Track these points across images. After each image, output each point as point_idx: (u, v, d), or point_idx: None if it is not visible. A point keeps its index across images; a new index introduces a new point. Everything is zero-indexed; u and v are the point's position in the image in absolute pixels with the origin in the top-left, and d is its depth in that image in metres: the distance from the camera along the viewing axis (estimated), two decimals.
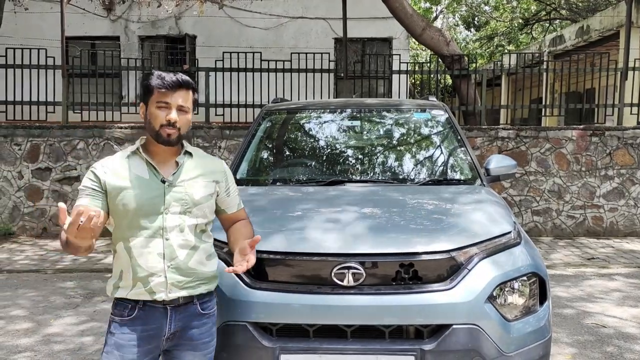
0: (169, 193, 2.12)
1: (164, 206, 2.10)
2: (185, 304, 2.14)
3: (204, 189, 2.20)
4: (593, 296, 5.43)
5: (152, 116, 2.10)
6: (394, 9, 9.06)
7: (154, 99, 2.10)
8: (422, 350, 2.43)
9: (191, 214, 2.16)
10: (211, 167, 2.28)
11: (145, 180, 2.12)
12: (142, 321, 2.09)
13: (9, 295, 5.46)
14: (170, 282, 2.09)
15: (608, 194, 8.34)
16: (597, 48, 12.93)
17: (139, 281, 2.08)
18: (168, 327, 2.12)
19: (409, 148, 4.21)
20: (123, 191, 2.08)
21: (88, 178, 2.11)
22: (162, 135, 2.09)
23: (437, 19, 25.53)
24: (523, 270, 2.66)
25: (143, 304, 2.09)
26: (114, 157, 2.18)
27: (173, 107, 2.09)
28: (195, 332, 2.18)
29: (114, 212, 2.10)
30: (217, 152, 8.25)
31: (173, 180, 2.14)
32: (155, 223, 2.09)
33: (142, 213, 2.08)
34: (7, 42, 9.19)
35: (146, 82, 2.13)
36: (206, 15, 11.56)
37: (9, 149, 8.19)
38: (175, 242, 2.11)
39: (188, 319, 2.16)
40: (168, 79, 2.09)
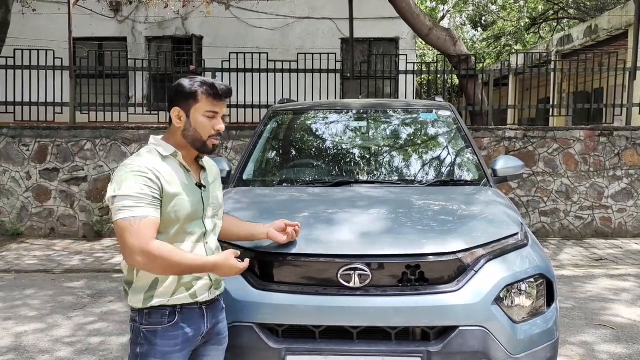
0: (205, 197, 2.13)
1: (204, 211, 2.12)
2: (214, 302, 2.20)
3: (221, 191, 2.28)
4: (602, 297, 5.39)
5: (200, 125, 2.05)
6: (400, 9, 9.04)
7: (202, 107, 2.04)
8: (429, 352, 2.42)
9: (218, 217, 2.23)
10: (216, 169, 2.33)
11: (188, 186, 2.07)
12: (183, 325, 2.05)
13: (18, 295, 5.49)
14: (214, 282, 2.15)
15: (617, 194, 8.28)
16: (605, 48, 12.85)
17: (182, 286, 2.04)
18: (205, 325, 2.14)
19: (416, 149, 4.20)
20: (176, 198, 2.01)
21: (143, 184, 1.94)
22: (209, 145, 2.09)
23: (444, 19, 25.48)
24: (530, 272, 2.65)
25: (181, 307, 2.05)
26: (153, 159, 2.04)
27: (220, 116, 2.09)
28: (221, 327, 2.25)
29: (164, 219, 2.00)
30: (224, 153, 8.26)
31: (205, 184, 2.16)
32: (198, 228, 2.09)
33: (189, 219, 2.05)
34: (15, 44, 9.25)
35: (189, 88, 2.03)
36: (213, 16, 11.59)
37: (17, 150, 8.23)
38: (212, 244, 2.16)
39: (218, 315, 2.22)
40: (223, 87, 2.06)
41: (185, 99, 2.04)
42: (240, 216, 2.95)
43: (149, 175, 1.96)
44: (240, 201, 3.32)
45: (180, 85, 2.06)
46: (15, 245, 7.68)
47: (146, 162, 2.01)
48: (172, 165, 2.06)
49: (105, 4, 11.73)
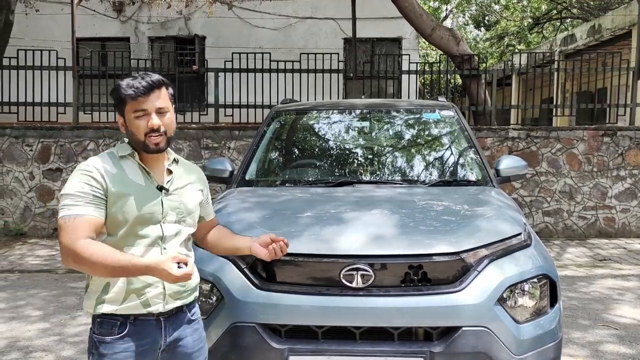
0: (166, 201, 2.01)
1: (162, 215, 2.00)
2: (176, 313, 2.04)
3: (194, 197, 2.13)
4: (605, 297, 5.37)
5: (134, 127, 1.96)
6: (403, 8, 9.03)
7: (130, 109, 1.95)
8: (431, 352, 2.42)
9: (185, 223, 2.08)
10: (195, 175, 2.20)
11: (143, 187, 1.99)
12: (136, 337, 1.94)
13: (22, 295, 5.50)
14: (168, 292, 1.99)
15: (620, 194, 8.26)
16: (608, 47, 12.81)
17: (132, 293, 1.94)
18: (163, 339, 2.00)
19: (419, 149, 4.19)
20: (123, 198, 1.93)
21: (85, 183, 1.91)
22: (150, 145, 1.96)
23: (447, 19, 25.45)
24: (534, 272, 2.64)
25: (134, 318, 1.94)
26: (104, 159, 2.00)
27: (152, 112, 1.95)
28: (189, 340, 2.08)
29: (111, 220, 1.94)
30: (226, 153, 8.26)
31: (169, 188, 2.04)
32: (153, 232, 1.98)
33: (141, 222, 1.95)
34: (18, 44, 9.27)
35: (116, 93, 1.97)
36: (215, 16, 11.59)
37: (20, 150, 8.25)
38: (172, 252, 1.99)
39: (181, 328, 2.06)
40: (138, 84, 1.94)
41: (119, 105, 1.99)
42: (243, 216, 2.95)
43: (93, 174, 1.92)
44: (242, 201, 3.32)
45: (112, 93, 2.02)
46: (18, 245, 7.70)
47: (96, 162, 1.97)
48: (129, 166, 2.00)
49: (108, 4, 11.74)
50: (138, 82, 1.95)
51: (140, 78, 1.97)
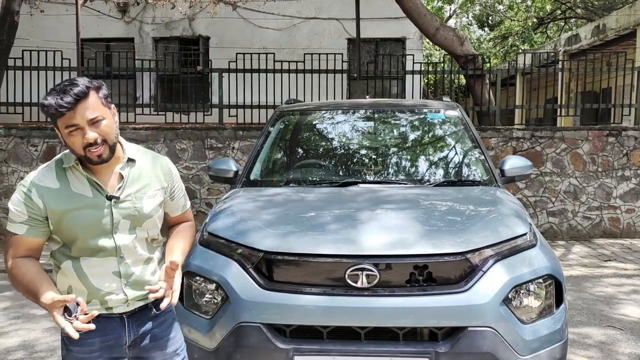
0: (117, 210, 1.93)
1: (112, 225, 1.93)
2: (140, 311, 2.03)
3: (153, 199, 2.02)
4: (611, 298, 5.36)
5: (69, 143, 1.85)
6: (407, 8, 9.03)
7: (61, 125, 1.83)
8: (437, 352, 2.42)
9: (142, 228, 2.00)
10: (157, 171, 2.07)
11: (90, 200, 1.91)
12: (99, 333, 1.93)
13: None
14: (130, 298, 1.98)
15: (625, 194, 8.23)
16: (613, 47, 12.78)
17: (94, 298, 1.95)
18: (127, 335, 2.00)
19: (423, 149, 4.19)
20: (67, 214, 1.88)
21: (23, 202, 1.87)
22: (92, 158, 1.86)
23: (451, 19, 25.41)
24: (539, 272, 2.64)
25: (98, 316, 1.89)
26: (45, 173, 1.92)
27: (84, 125, 1.82)
28: (157, 332, 2.07)
29: (60, 232, 1.92)
30: (230, 153, 8.27)
31: (120, 195, 1.94)
32: (106, 243, 1.92)
33: (91, 235, 1.90)
34: (23, 45, 9.30)
35: (44, 110, 1.84)
36: (219, 16, 11.61)
37: (25, 150, 8.28)
38: (129, 260, 1.97)
39: (146, 323, 2.05)
40: (60, 101, 1.79)
41: (51, 119, 1.87)
42: (247, 216, 2.96)
43: (31, 194, 1.87)
44: (247, 201, 3.32)
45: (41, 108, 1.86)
46: None
47: (37, 178, 1.91)
48: (74, 177, 1.92)
49: (113, 5, 11.77)
50: (61, 97, 1.80)
51: (62, 92, 1.81)
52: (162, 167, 2.10)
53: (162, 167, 2.10)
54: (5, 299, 5.39)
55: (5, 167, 8.26)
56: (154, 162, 2.09)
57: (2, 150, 8.26)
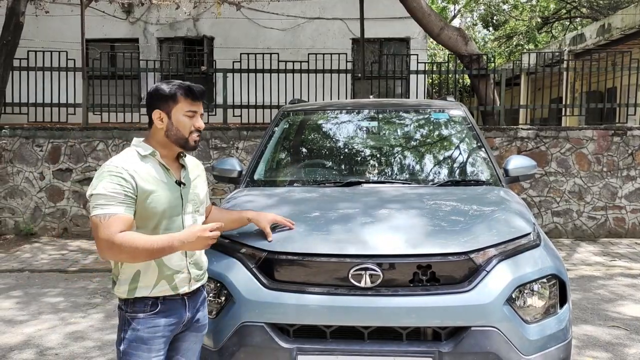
0: (185, 194, 2.24)
1: (182, 207, 2.22)
2: (196, 293, 2.30)
3: (203, 188, 2.38)
4: (616, 298, 5.34)
5: (181, 124, 2.19)
6: (411, 8, 9.02)
7: (181, 108, 2.18)
8: (440, 352, 2.41)
9: (199, 212, 2.32)
10: (200, 167, 2.44)
11: (166, 184, 2.19)
12: (165, 314, 2.17)
13: (33, 294, 5.55)
14: (193, 277, 2.23)
15: (630, 194, 8.20)
16: (618, 46, 12.72)
17: (163, 279, 2.16)
18: (187, 314, 2.24)
19: (427, 149, 4.18)
20: (151, 195, 2.12)
21: (117, 184, 2.06)
22: (191, 142, 2.22)
23: (455, 18, 25.37)
24: (543, 272, 2.63)
25: (164, 298, 2.17)
26: (130, 159, 2.16)
27: (199, 115, 2.24)
28: (201, 315, 2.34)
29: (140, 215, 2.12)
30: (235, 153, 8.28)
31: (185, 181, 2.26)
32: (176, 223, 2.19)
33: (167, 215, 2.16)
34: (28, 45, 9.34)
35: (169, 91, 2.17)
36: (224, 16, 11.62)
37: (30, 150, 8.31)
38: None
39: (199, 305, 2.33)
40: (196, 90, 2.20)
41: (165, 102, 2.18)
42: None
43: (123, 175, 2.08)
44: (251, 201, 3.33)
45: (159, 89, 2.19)
46: (28, 245, 7.76)
47: (123, 162, 2.13)
48: (151, 164, 2.18)
49: (117, 5, 11.80)
50: (196, 87, 2.21)
51: (192, 84, 2.22)
52: (198, 165, 2.44)
53: (199, 165, 2.45)
54: (11, 297, 5.42)
55: (10, 167, 8.30)
56: (195, 160, 2.45)
57: (7, 150, 8.30)
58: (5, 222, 8.34)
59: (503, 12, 25.31)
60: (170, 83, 2.21)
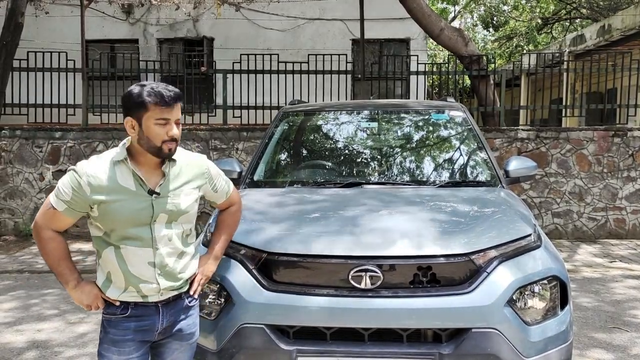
0: (157, 204, 2.12)
1: (153, 217, 2.12)
2: (174, 300, 2.23)
3: (189, 197, 2.22)
4: (617, 299, 5.33)
5: (151, 133, 2.05)
6: (411, 9, 9.01)
7: (151, 116, 2.04)
8: (441, 354, 2.40)
9: (177, 222, 2.19)
10: (195, 171, 2.27)
11: (132, 193, 2.09)
12: (136, 318, 2.15)
13: (34, 294, 5.54)
14: (162, 287, 2.16)
15: (630, 195, 8.20)
16: (618, 47, 12.71)
17: (131, 286, 2.13)
18: (160, 322, 2.18)
19: (427, 149, 4.18)
20: (111, 204, 2.06)
21: (71, 185, 2.07)
22: (165, 150, 2.08)
23: (455, 20, 25.36)
24: (543, 274, 2.62)
25: (135, 304, 2.15)
26: (98, 163, 2.11)
27: (173, 122, 2.07)
28: (184, 324, 2.27)
29: (102, 220, 2.10)
30: (234, 154, 8.28)
31: (161, 191, 2.13)
32: (144, 234, 2.11)
33: (131, 224, 2.09)
34: (28, 46, 9.33)
35: (137, 98, 2.03)
36: (224, 17, 11.62)
37: (30, 151, 8.31)
38: (164, 251, 2.15)
39: (178, 313, 2.24)
40: (166, 94, 2.03)
41: (135, 109, 2.05)
42: (250, 217, 2.95)
43: (81, 181, 2.06)
44: (250, 202, 3.32)
45: (129, 94, 2.06)
46: (28, 246, 7.74)
47: (89, 167, 2.10)
48: (121, 171, 2.10)
49: (117, 6, 11.80)
50: (166, 92, 2.04)
51: (164, 88, 2.05)
52: (199, 167, 2.29)
53: (200, 167, 2.30)
54: (13, 298, 5.40)
55: (10, 168, 8.30)
56: (192, 162, 2.28)
57: (7, 151, 8.30)
58: (5, 223, 8.33)
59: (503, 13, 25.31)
60: (142, 87, 2.05)
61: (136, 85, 2.09)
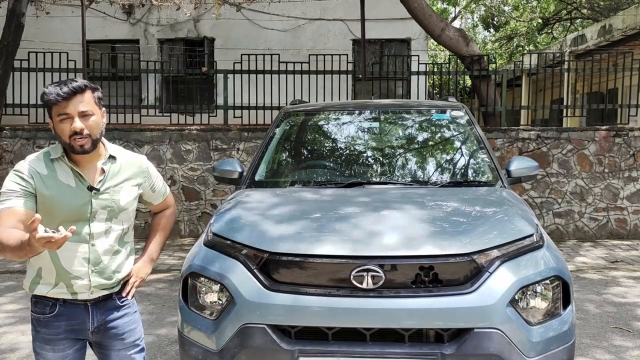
0: (96, 200, 2.14)
1: (91, 213, 2.13)
2: (104, 300, 2.22)
3: (129, 193, 2.24)
4: (619, 299, 5.32)
5: (58, 130, 2.08)
6: (412, 9, 9.01)
7: (55, 113, 2.07)
8: (443, 354, 2.40)
9: (117, 220, 2.21)
10: (134, 169, 2.30)
11: (72, 189, 2.12)
12: (65, 317, 2.16)
13: None
14: (93, 285, 2.16)
15: (632, 195, 8.18)
16: (619, 47, 12.70)
17: (61, 281, 2.13)
18: (91, 322, 2.20)
19: (429, 149, 4.17)
20: (50, 199, 2.08)
21: (15, 182, 2.07)
22: (75, 146, 2.08)
23: (456, 20, 25.36)
24: (546, 274, 2.62)
25: (64, 301, 2.15)
26: (36, 161, 2.13)
27: (74, 115, 2.06)
28: (119, 323, 2.26)
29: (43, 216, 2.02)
30: (235, 154, 8.27)
31: (100, 187, 2.15)
32: (82, 229, 2.11)
33: (69, 219, 2.07)
34: (29, 46, 9.33)
35: (42, 98, 2.09)
36: (224, 17, 11.61)
37: (31, 152, 8.26)
38: (100, 248, 2.16)
39: (109, 313, 2.24)
40: (59, 90, 2.04)
41: (47, 109, 2.10)
42: (251, 217, 2.95)
43: (23, 175, 2.08)
44: (252, 202, 3.32)
45: (41, 97, 2.11)
46: None
47: (27, 163, 2.12)
48: (60, 168, 2.13)
49: (118, 6, 11.80)
50: (60, 87, 2.05)
51: (63, 84, 2.07)
52: (140, 166, 2.33)
53: (140, 166, 2.33)
54: (15, 299, 5.40)
55: (11, 168, 8.27)
56: (133, 160, 2.32)
57: (8, 151, 8.29)
58: None
59: (503, 13, 25.31)
60: (51, 85, 2.08)
61: (50, 85, 2.12)
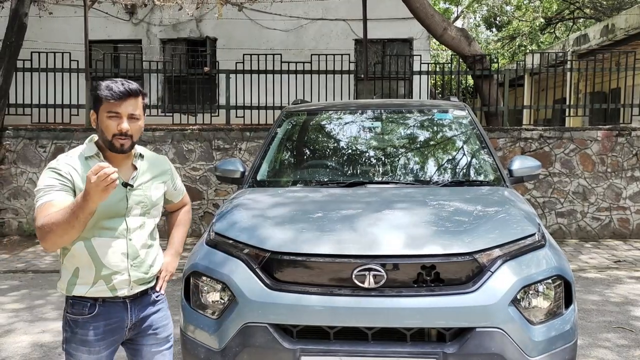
0: (131, 196, 2.18)
1: (127, 209, 2.17)
2: (141, 296, 2.25)
3: (158, 190, 2.32)
4: (621, 299, 5.31)
5: (104, 126, 2.11)
6: (414, 9, 9.00)
7: (104, 109, 2.10)
8: (445, 353, 2.40)
9: (150, 215, 2.27)
10: (160, 167, 2.37)
11: None
12: (104, 316, 2.15)
13: (38, 294, 5.55)
14: (133, 279, 2.18)
15: (634, 195, 8.17)
16: (622, 47, 12.69)
17: (101, 279, 2.13)
18: (129, 318, 2.21)
19: (431, 149, 4.17)
20: None
21: (52, 178, 2.07)
22: (116, 145, 2.12)
23: (458, 20, 25.34)
24: (548, 273, 2.61)
25: (103, 300, 2.15)
26: (71, 158, 2.16)
27: (124, 116, 2.10)
28: (154, 318, 2.29)
29: None
30: (237, 154, 8.28)
31: (134, 183, 2.20)
32: (119, 225, 2.15)
33: (106, 216, 2.11)
34: (32, 46, 9.36)
35: (95, 92, 2.12)
36: (226, 17, 11.63)
37: (34, 151, 8.32)
38: (137, 243, 2.20)
39: (146, 308, 2.26)
40: (116, 89, 2.09)
41: (96, 102, 2.13)
42: (253, 217, 2.95)
43: (61, 171, 2.09)
44: (254, 202, 3.32)
45: (94, 87, 2.15)
46: (32, 246, 7.76)
47: (63, 161, 2.14)
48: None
49: (121, 6, 11.82)
50: (117, 86, 2.10)
51: (120, 83, 2.12)
52: (163, 165, 2.40)
53: (164, 164, 2.41)
54: (18, 298, 5.42)
55: (14, 168, 8.32)
56: (157, 159, 2.40)
57: (11, 151, 8.32)
58: (8, 223, 8.35)
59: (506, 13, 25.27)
60: (101, 82, 2.12)
61: (105, 80, 2.16)
